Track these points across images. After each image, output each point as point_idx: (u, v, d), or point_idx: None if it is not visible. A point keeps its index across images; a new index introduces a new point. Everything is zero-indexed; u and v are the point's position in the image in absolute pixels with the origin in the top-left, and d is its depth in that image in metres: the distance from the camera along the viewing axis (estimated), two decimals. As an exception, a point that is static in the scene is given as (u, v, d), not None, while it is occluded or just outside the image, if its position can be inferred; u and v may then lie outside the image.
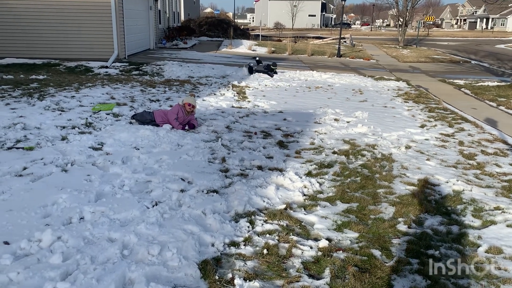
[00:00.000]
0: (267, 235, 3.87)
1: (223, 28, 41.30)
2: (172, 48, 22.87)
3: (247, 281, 3.16)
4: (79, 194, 4.29)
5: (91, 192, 4.36)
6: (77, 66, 14.36)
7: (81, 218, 3.88)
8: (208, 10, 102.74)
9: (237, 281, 3.13)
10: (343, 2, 24.90)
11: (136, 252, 3.36)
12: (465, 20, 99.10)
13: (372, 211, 4.52)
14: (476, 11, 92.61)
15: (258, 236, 3.83)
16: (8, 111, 7.58)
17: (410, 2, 34.02)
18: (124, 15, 16.30)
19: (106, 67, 14.52)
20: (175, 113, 7.13)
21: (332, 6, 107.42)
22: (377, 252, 3.68)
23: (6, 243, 3.32)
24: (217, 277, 3.17)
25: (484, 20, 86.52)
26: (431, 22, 62.75)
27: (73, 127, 6.81)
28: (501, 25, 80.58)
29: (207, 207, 4.24)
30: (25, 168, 4.90)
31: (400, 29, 36.80)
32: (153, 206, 4.22)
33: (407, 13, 34.49)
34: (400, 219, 4.37)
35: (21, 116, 7.23)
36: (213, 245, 3.62)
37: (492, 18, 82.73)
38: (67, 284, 2.83)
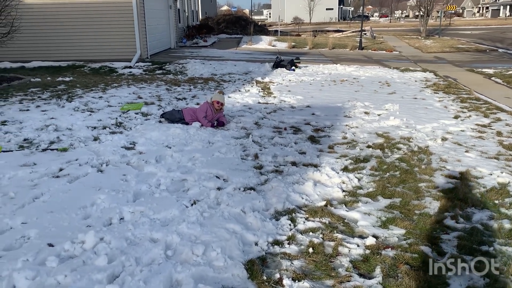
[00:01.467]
0: (311, 233, 3.75)
1: (241, 25, 41.21)
2: (192, 46, 22.88)
3: (296, 281, 3.05)
4: (117, 194, 4.25)
5: (128, 192, 4.32)
6: (101, 67, 14.46)
7: (121, 218, 3.83)
8: (225, 7, 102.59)
9: (286, 281, 3.03)
10: (363, -7, 24.46)
11: (180, 252, 3.29)
12: (487, 8, 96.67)
13: (416, 206, 4.35)
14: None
15: (302, 235, 3.72)
16: (39, 113, 7.64)
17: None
18: (146, 15, 16.36)
19: (130, 67, 14.59)
20: (204, 111, 7.06)
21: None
22: (427, 249, 3.52)
23: (51, 245, 3.29)
24: (265, 278, 3.07)
25: (508, 7, 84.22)
26: (453, 11, 61.28)
27: (104, 127, 6.81)
28: (525, 11, 78.33)
29: (246, 205, 4.14)
30: (61, 169, 4.89)
31: (421, 19, 36.02)
32: (192, 204, 4.15)
33: (429, 3, 33.71)
34: (446, 214, 4.19)
35: (52, 118, 7.27)
36: (256, 244, 3.53)
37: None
38: (116, 287, 2.77)
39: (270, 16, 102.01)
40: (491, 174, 5.27)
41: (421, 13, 35.61)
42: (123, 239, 3.40)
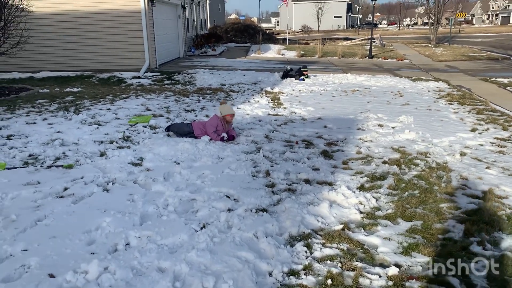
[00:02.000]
0: (328, 262, 3.51)
1: (249, 34, 41.21)
2: (201, 55, 22.79)
3: (315, 318, 2.81)
4: (123, 216, 4.04)
5: (135, 214, 4.11)
6: (110, 77, 14.37)
7: (127, 244, 3.62)
8: (233, 16, 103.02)
9: (304, 318, 2.79)
10: (373, 2, 24.25)
11: (189, 284, 3.07)
12: (497, 15, 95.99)
13: (439, 230, 4.10)
14: (508, 5, 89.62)
15: (319, 263, 3.48)
16: (46, 126, 7.49)
17: (442, -1, 33.01)
18: (154, 24, 16.28)
19: (139, 77, 14.48)
20: (214, 126, 6.86)
21: (357, 7, 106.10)
22: (455, 281, 3.27)
23: (52, 275, 3.09)
24: (281, 315, 2.84)
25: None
26: (462, 19, 60.85)
27: (111, 142, 6.64)
28: (536, 18, 77.67)
29: (259, 229, 3.91)
30: (66, 189, 4.70)
31: (431, 27, 35.73)
32: (201, 228, 3.93)
33: (439, 10, 33.43)
34: (472, 239, 3.93)
35: (58, 132, 7.12)
36: (271, 274, 3.30)
37: (527, 12, 79.81)
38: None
39: (278, 24, 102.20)
40: (517, 194, 5.00)
41: (431, 21, 35.28)
42: (129, 269, 3.19)
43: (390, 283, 3.24)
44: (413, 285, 3.20)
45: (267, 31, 50.53)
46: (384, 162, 6.11)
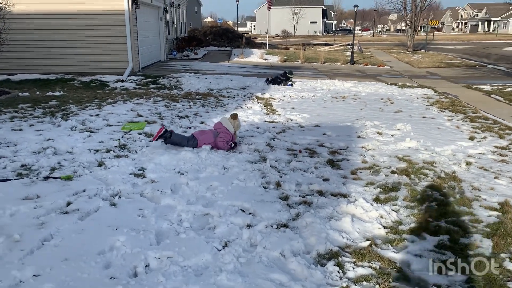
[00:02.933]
0: (365, 283, 3.32)
1: (228, 37, 41.02)
2: (183, 59, 22.40)
3: None
4: (138, 234, 3.74)
5: (149, 231, 3.82)
6: (92, 81, 13.87)
7: (147, 266, 3.34)
8: (209, 19, 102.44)
9: None
10: (355, 8, 24.44)
11: (225, 312, 2.81)
12: (466, 23, 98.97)
13: (468, 246, 3.96)
14: (477, 14, 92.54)
15: (355, 285, 3.28)
16: (34, 133, 7.05)
17: (418, 7, 33.58)
18: (138, 26, 15.86)
19: (122, 80, 14.03)
20: (226, 140, 6.61)
21: (332, 13, 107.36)
22: (500, 302, 3.12)
23: (72, 306, 2.77)
24: None
25: (486, 23, 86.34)
26: (435, 26, 62.36)
27: (107, 151, 6.28)
28: (503, 27, 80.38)
29: (285, 248, 3.69)
30: (69, 203, 4.35)
31: (408, 34, 36.34)
32: (223, 247, 3.68)
33: (415, 18, 34.04)
34: (503, 255, 3.81)
35: (49, 139, 6.70)
36: (309, 298, 3.07)
37: (494, 21, 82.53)
38: None
39: (254, 29, 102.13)
40: (532, 205, 4.93)
41: (408, 28, 35.87)
42: (155, 297, 2.91)
43: (435, 305, 3.06)
44: (459, 308, 3.03)
45: (245, 35, 50.51)
46: (393, 172, 5.99)
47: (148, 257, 3.41)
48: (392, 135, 8.05)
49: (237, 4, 56.51)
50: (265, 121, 8.93)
